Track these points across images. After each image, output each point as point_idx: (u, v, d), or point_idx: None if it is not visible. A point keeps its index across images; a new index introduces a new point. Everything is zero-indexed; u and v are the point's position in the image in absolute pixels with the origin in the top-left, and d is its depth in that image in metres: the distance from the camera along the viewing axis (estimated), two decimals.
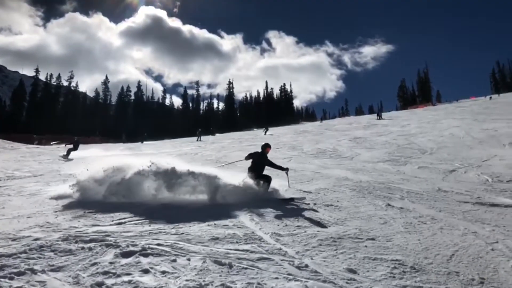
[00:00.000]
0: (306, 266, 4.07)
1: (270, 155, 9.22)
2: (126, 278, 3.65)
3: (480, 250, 4.99)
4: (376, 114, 47.88)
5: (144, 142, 40.39)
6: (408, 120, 36.13)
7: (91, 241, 4.85)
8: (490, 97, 64.38)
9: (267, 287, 3.49)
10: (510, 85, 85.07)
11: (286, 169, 9.01)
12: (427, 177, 11.18)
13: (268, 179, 8.62)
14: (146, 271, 3.84)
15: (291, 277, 3.76)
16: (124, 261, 4.12)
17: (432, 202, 8.04)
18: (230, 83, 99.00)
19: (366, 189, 9.29)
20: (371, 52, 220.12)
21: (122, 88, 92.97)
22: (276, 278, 3.72)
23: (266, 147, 9.10)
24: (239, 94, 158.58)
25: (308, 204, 7.77)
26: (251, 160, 8.90)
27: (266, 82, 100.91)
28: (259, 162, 8.79)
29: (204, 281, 3.58)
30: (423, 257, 4.56)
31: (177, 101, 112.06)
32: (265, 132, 34.94)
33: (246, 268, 3.93)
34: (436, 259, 4.56)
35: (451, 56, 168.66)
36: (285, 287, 3.52)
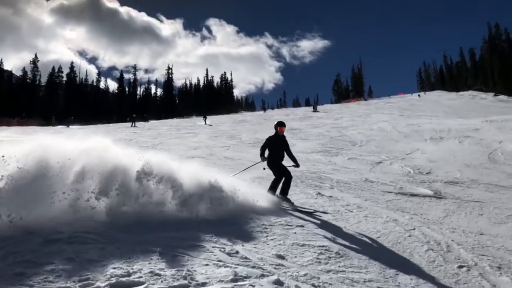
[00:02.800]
0: (237, 252, 4.13)
1: (206, 143, 9.08)
2: (49, 267, 3.47)
3: (399, 236, 5.38)
4: (312, 107, 49.42)
5: (71, 127, 37.82)
6: (341, 113, 37.70)
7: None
8: (419, 95, 69.04)
9: (197, 273, 3.49)
10: (434, 84, 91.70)
11: (297, 166, 7.41)
12: (356, 168, 11.79)
13: (281, 174, 7.03)
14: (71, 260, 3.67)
15: (221, 263, 3.79)
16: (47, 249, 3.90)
17: (359, 192, 8.51)
18: (169, 68, 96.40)
19: (299, 178, 9.57)
20: (309, 46, 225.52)
21: (53, 68, 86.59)
22: (206, 265, 3.73)
23: (278, 125, 7.32)
24: (178, 81, 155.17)
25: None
26: (267, 152, 7.27)
27: (207, 70, 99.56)
28: (276, 147, 7.21)
29: (132, 268, 3.50)
30: (348, 243, 4.82)
31: (113, 85, 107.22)
32: (205, 121, 33.89)
33: (176, 255, 3.90)
34: (359, 245, 4.84)
35: (384, 54, 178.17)
36: (214, 273, 3.54)
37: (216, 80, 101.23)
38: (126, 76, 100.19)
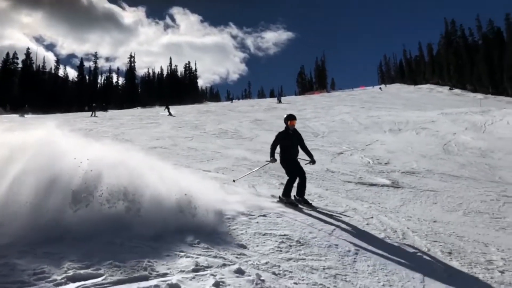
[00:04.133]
0: (199, 242, 4.12)
1: (170, 133, 8.90)
2: (1, 261, 3.32)
3: (358, 224, 5.55)
4: (276, 98, 49.75)
5: (26, 116, 35.82)
6: (305, 105, 38.20)
7: None
8: (380, 88, 71.01)
9: (158, 264, 3.46)
10: (394, 77, 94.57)
11: (313, 162, 6.87)
12: (317, 158, 11.90)
13: (295, 174, 6.45)
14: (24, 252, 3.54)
15: (182, 254, 3.78)
16: None
17: (320, 181, 8.69)
18: (131, 57, 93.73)
19: (262, 169, 9.64)
20: (273, 38, 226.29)
21: (8, 54, 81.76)
22: (168, 255, 3.71)
23: (288, 119, 6.69)
24: (141, 70, 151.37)
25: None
26: (279, 149, 6.67)
27: (170, 59, 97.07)
28: (288, 143, 6.60)
29: (91, 260, 3.42)
30: (308, 232, 4.93)
31: (73, 73, 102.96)
32: (169, 112, 32.07)
33: (136, 247, 3.85)
34: (319, 233, 4.96)
35: (346, 47, 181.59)
36: (175, 263, 3.53)
37: (180, 69, 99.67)
38: (86, 64, 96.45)
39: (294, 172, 6.43)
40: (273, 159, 6.61)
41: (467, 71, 69.11)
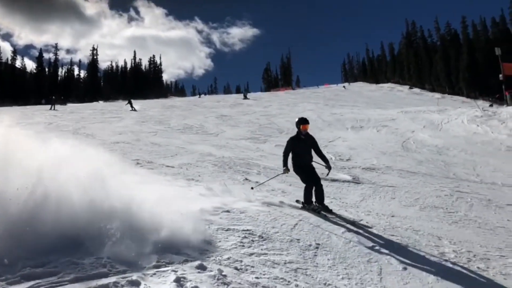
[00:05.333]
0: (160, 239, 4.07)
1: (133, 128, 8.70)
2: None
3: (319, 219, 5.66)
4: (242, 94, 49.75)
5: None
6: (270, 101, 38.43)
7: None
8: (344, 86, 72.45)
9: (118, 261, 3.40)
10: (357, 75, 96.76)
11: (328, 167, 6.37)
12: (282, 154, 12.13)
13: (309, 180, 6.16)
14: None
15: (143, 250, 3.72)
16: None
17: (284, 177, 8.78)
18: (94, 49, 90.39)
19: (227, 165, 9.66)
20: (239, 34, 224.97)
21: None
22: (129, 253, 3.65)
23: (300, 123, 6.28)
24: (104, 63, 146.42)
25: (169, 180, 7.73)
26: (291, 155, 6.31)
27: (135, 52, 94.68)
28: (301, 148, 6.25)
29: (47, 258, 3.31)
30: (271, 227, 4.99)
31: (31, 65, 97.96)
32: (131, 107, 30.44)
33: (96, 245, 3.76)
34: (282, 228, 5.03)
35: (312, 45, 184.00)
36: (136, 260, 3.48)
37: (144, 63, 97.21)
38: (45, 55, 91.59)
39: (309, 178, 6.13)
40: (286, 169, 6.21)
41: (426, 71, 71.68)
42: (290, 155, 6.28)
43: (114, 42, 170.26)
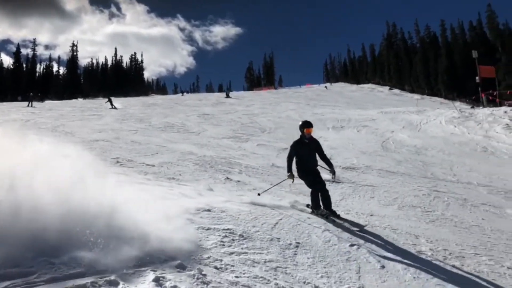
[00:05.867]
0: (140, 240, 4.03)
1: (113, 126, 8.58)
2: None
3: (299, 218, 5.70)
4: (225, 93, 49.66)
5: None
6: (253, 100, 38.48)
7: None
8: (326, 86, 73.03)
9: (96, 261, 3.35)
10: (338, 76, 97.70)
11: (333, 172, 6.25)
12: (264, 153, 12.19)
13: (315, 185, 6.04)
14: None
15: (122, 250, 3.68)
16: None
17: (266, 176, 8.83)
18: (74, 45, 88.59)
19: (208, 164, 9.62)
20: (221, 32, 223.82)
21: None
22: (107, 253, 3.60)
23: (304, 127, 6.11)
24: (84, 60, 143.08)
25: (150, 179, 7.65)
26: (295, 159, 6.17)
27: (116, 49, 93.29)
28: (305, 153, 6.10)
29: (24, 257, 3.24)
30: (252, 226, 5.00)
31: (8, 60, 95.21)
32: (112, 105, 29.52)
33: (73, 245, 3.70)
34: (262, 227, 5.05)
35: (294, 45, 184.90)
36: (115, 260, 3.43)
37: (126, 60, 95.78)
38: (23, 51, 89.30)
39: (315, 183, 6.02)
40: (290, 175, 6.11)
41: (406, 73, 72.89)
42: (294, 160, 6.14)
43: (94, 38, 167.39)
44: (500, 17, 64.79)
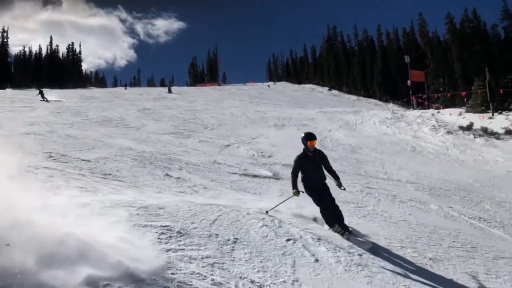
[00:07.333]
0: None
1: (46, 119, 8.11)
2: None
3: (238, 214, 5.76)
4: (167, 88, 48.61)
5: None
6: (196, 96, 38.09)
7: None
8: (269, 85, 73.82)
9: None
10: (281, 75, 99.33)
11: (339, 185, 5.76)
12: (205, 150, 12.15)
13: (323, 203, 5.64)
14: None
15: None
16: None
17: (206, 173, 8.81)
18: (4, 31, 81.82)
19: (147, 160, 9.41)
20: (164, 26, 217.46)
21: None
22: None
23: (307, 139, 5.70)
24: (15, 48, 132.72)
25: (85, 176, 7.34)
26: (301, 175, 5.79)
27: (51, 38, 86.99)
28: (310, 167, 5.71)
29: None
30: (190, 222, 4.99)
31: None
32: (43, 97, 27.15)
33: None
34: (201, 223, 5.06)
35: (238, 42, 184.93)
36: None
37: (62, 50, 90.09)
38: None
39: (323, 200, 5.63)
40: (296, 192, 5.70)
41: (344, 74, 75.80)
42: (300, 176, 5.79)
43: (27, 25, 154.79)
44: (430, 25, 69.34)
